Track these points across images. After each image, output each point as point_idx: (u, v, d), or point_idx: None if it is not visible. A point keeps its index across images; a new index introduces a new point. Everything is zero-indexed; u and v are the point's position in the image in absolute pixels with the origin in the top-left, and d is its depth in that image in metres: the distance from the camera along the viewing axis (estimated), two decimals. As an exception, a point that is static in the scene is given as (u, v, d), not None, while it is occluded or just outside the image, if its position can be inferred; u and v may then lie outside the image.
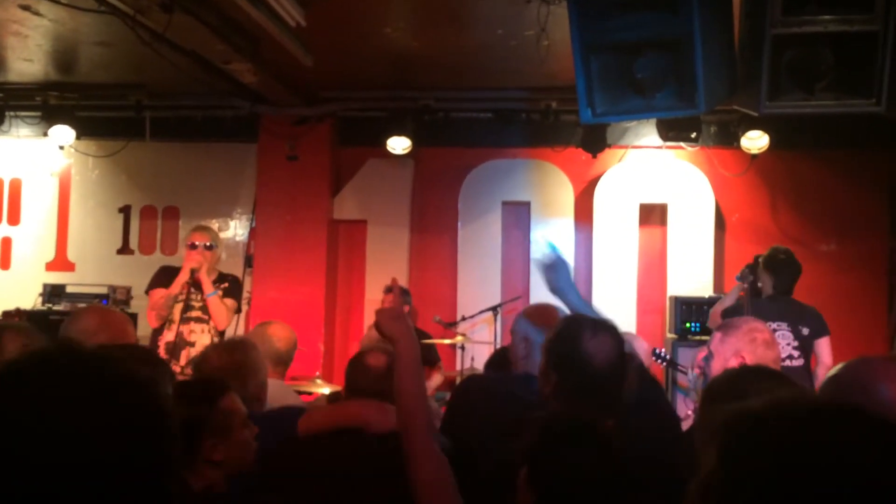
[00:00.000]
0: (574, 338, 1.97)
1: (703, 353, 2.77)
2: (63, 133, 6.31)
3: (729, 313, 4.61)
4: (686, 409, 4.88)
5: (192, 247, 4.80)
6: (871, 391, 1.48)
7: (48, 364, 0.90)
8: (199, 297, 4.76)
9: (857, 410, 0.86)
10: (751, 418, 0.86)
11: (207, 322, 4.71)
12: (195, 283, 4.71)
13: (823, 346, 4.58)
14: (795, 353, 4.55)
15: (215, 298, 4.71)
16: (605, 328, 2.02)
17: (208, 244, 4.82)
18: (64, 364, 0.90)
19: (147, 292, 4.91)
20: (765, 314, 3.93)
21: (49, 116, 6.36)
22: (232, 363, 2.65)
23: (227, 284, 4.86)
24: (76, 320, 2.91)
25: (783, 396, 0.89)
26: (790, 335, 4.57)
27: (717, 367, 2.68)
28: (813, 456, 0.80)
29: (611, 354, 1.96)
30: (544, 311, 2.67)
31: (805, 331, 4.57)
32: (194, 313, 4.76)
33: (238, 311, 5.01)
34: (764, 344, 2.65)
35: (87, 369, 0.90)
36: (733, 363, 2.63)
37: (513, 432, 1.69)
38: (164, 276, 4.88)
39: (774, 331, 4.79)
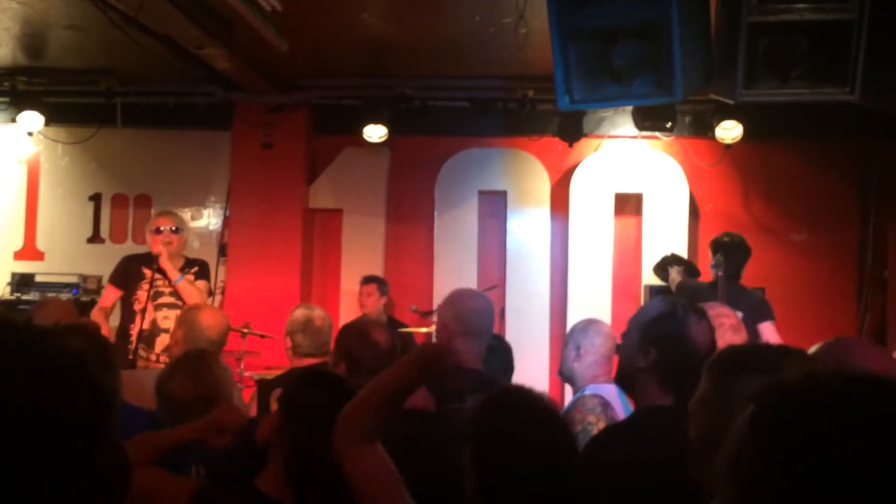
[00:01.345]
0: (682, 321, 2.03)
1: None
2: (32, 119, 6.18)
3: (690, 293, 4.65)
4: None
5: (158, 231, 4.73)
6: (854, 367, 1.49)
7: None
8: (165, 283, 4.70)
9: (886, 381, 0.85)
10: (787, 391, 0.85)
11: (180, 307, 4.66)
12: (160, 270, 4.64)
13: (765, 331, 4.60)
14: None
15: (184, 283, 4.65)
16: (705, 316, 2.11)
17: (174, 228, 4.75)
18: None
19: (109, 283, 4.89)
20: (699, 297, 3.97)
21: (17, 102, 6.23)
22: (198, 393, 2.41)
23: (196, 268, 4.80)
24: (38, 311, 2.88)
25: (819, 370, 0.88)
26: None
27: None
28: (850, 430, 0.79)
29: (709, 343, 2.04)
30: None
31: (738, 315, 4.62)
32: (165, 299, 4.71)
33: (211, 293, 4.95)
34: (731, 329, 2.68)
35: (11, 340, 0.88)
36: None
37: None
38: (125, 268, 4.83)
39: None
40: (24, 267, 6.44)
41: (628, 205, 6.42)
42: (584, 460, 1.89)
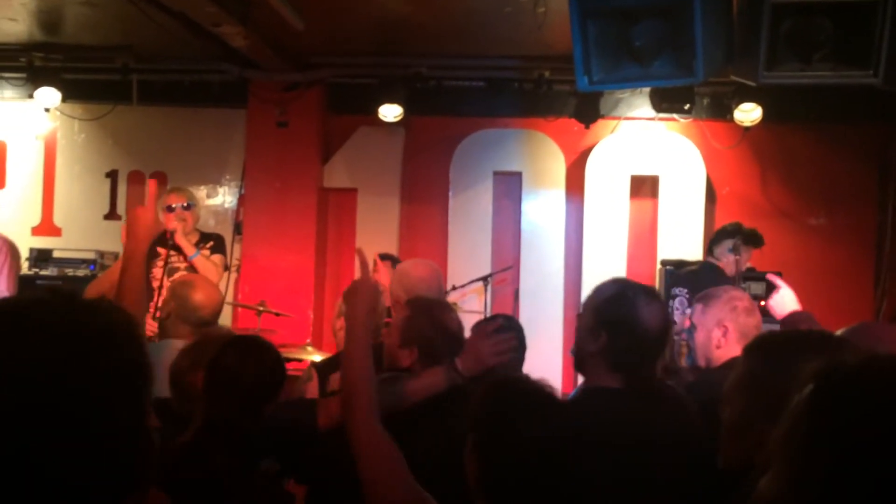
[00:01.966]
0: (631, 302, 2.02)
1: (686, 322, 2.79)
2: (48, 95, 6.19)
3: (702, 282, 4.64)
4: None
5: (169, 209, 4.74)
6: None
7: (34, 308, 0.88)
8: (181, 259, 4.71)
9: None
10: (847, 372, 0.85)
11: None
12: (175, 247, 4.66)
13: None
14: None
15: (200, 258, 4.66)
16: (657, 297, 2.11)
17: (185, 204, 4.76)
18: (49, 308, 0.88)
19: None
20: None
21: (34, 78, 6.23)
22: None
23: (212, 243, 4.81)
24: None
25: (878, 354, 0.88)
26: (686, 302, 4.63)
27: (700, 339, 2.69)
28: None
29: (660, 323, 2.03)
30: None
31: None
32: (180, 276, 4.73)
33: (227, 267, 4.96)
34: (745, 311, 2.67)
35: (67, 314, 0.88)
36: (717, 333, 2.65)
37: None
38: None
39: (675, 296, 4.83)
40: (42, 243, 6.49)
41: (644, 187, 6.38)
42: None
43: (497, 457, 1.46)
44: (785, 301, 2.73)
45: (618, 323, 2.00)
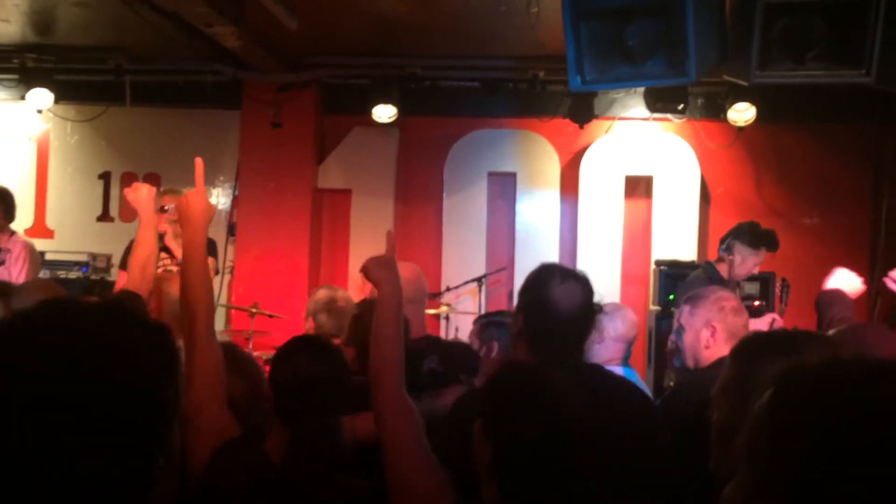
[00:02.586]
0: (543, 283, 2.05)
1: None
2: (41, 97, 6.17)
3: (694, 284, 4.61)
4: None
5: (162, 210, 4.71)
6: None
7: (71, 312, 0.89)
8: (173, 262, 4.69)
9: None
10: (808, 372, 0.84)
11: None
12: (165, 249, 4.64)
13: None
14: None
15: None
16: (575, 277, 2.08)
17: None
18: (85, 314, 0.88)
19: (119, 268, 4.87)
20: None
21: (26, 79, 6.21)
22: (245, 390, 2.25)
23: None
24: (19, 292, 2.82)
25: (840, 355, 0.87)
26: None
27: (689, 340, 2.67)
28: (868, 415, 0.78)
29: (575, 303, 2.02)
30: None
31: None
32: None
33: (217, 271, 4.94)
34: (732, 311, 2.65)
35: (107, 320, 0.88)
36: (705, 334, 2.63)
37: None
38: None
39: None
40: (35, 245, 6.45)
41: (638, 187, 6.38)
42: (449, 418, 1.98)
43: (507, 441, 1.47)
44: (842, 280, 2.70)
45: (530, 304, 2.05)
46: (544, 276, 2.07)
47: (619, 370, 3.05)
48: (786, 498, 0.79)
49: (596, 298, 2.10)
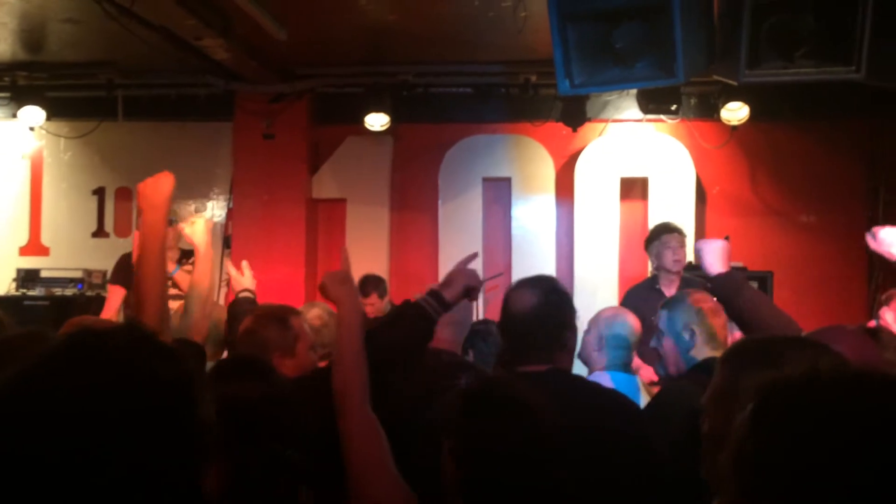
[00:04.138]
0: (504, 298, 2.19)
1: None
2: (33, 114, 6.17)
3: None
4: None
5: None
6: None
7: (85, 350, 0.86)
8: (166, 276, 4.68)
9: (891, 380, 0.82)
10: (788, 386, 0.82)
11: (182, 297, 4.64)
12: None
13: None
14: None
15: (181, 273, 4.64)
16: (535, 283, 2.18)
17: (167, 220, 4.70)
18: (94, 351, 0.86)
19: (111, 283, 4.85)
20: None
21: (18, 97, 6.21)
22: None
23: (191, 261, 4.77)
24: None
25: (822, 365, 0.85)
26: None
27: (668, 346, 2.63)
28: (851, 425, 0.76)
29: (524, 306, 2.12)
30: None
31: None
32: (170, 291, 4.69)
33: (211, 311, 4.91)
34: (710, 312, 2.62)
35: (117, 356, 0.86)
36: (685, 337, 2.60)
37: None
38: (124, 266, 4.80)
39: None
40: (30, 262, 6.44)
41: (634, 189, 6.36)
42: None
43: (472, 461, 1.47)
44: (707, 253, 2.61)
45: (500, 318, 2.19)
46: (510, 293, 2.20)
47: (607, 378, 3.02)
48: None
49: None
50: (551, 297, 2.12)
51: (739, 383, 1.32)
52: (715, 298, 2.56)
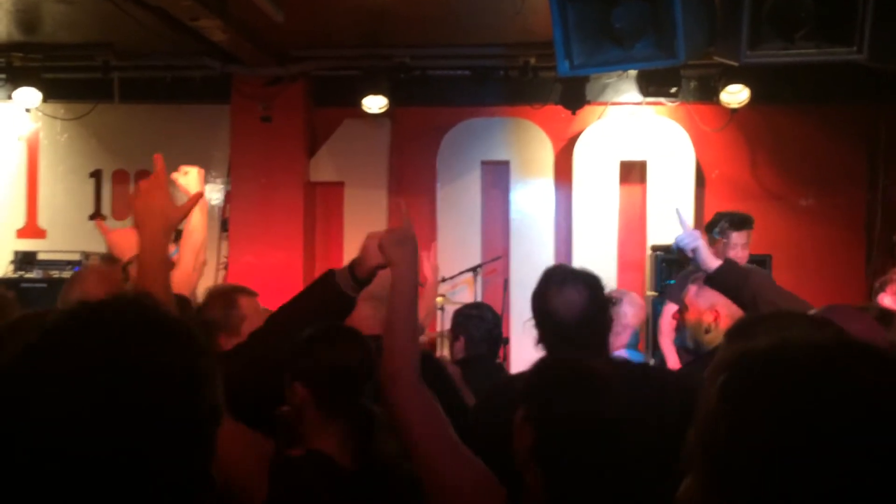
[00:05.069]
0: (543, 293, 2.06)
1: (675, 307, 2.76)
2: (29, 95, 6.12)
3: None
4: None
5: None
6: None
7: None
8: None
9: (865, 348, 0.80)
10: (755, 356, 0.80)
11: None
12: None
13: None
14: None
15: (177, 256, 4.62)
16: (574, 281, 2.06)
17: None
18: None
19: None
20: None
21: (13, 78, 6.16)
22: None
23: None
24: (77, 283, 2.70)
25: (791, 336, 0.82)
26: None
27: (691, 321, 2.67)
28: (819, 394, 0.74)
29: (576, 310, 2.02)
30: None
31: None
32: None
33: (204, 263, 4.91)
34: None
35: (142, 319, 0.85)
36: (708, 317, 2.61)
37: None
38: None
39: None
40: (27, 245, 6.42)
41: (633, 172, 6.33)
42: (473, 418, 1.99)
43: (549, 429, 1.47)
44: None
45: (537, 315, 2.08)
46: (543, 285, 2.08)
47: (626, 355, 3.06)
48: (745, 495, 0.75)
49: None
50: (592, 289, 2.05)
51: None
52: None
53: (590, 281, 2.06)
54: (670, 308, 4.49)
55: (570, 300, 2.02)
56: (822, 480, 0.72)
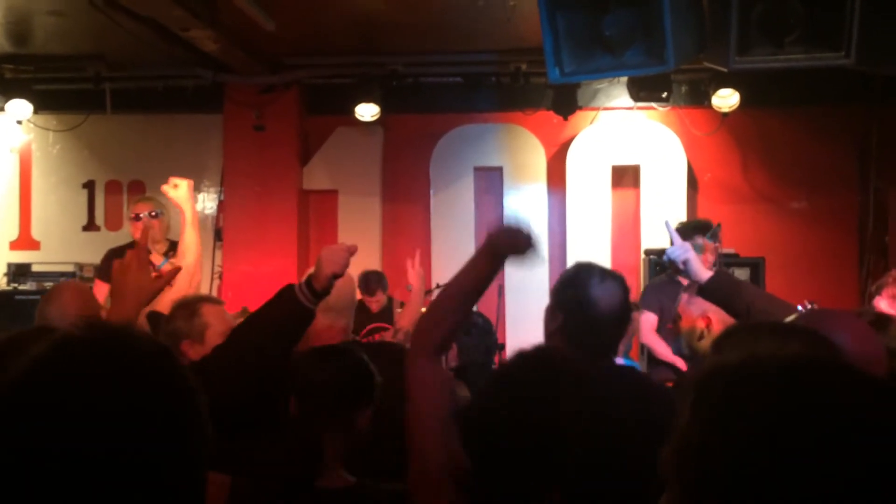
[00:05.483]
0: (583, 282, 2.07)
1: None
2: (20, 107, 6.11)
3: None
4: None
5: (137, 218, 4.66)
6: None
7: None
8: (154, 268, 4.65)
9: (830, 364, 0.82)
10: (722, 373, 0.81)
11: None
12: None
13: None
14: None
15: (168, 266, 4.62)
16: (614, 277, 2.11)
17: (153, 213, 4.67)
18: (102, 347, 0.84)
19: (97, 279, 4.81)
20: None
21: (5, 90, 6.15)
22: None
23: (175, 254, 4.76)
24: (54, 299, 2.70)
25: (760, 351, 0.83)
26: None
27: (685, 327, 2.68)
28: (781, 410, 0.75)
29: (615, 302, 2.05)
30: None
31: None
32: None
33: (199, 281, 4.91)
34: None
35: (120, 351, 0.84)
36: (700, 324, 2.63)
37: None
38: (110, 261, 4.77)
39: None
40: (20, 257, 6.41)
41: (626, 177, 6.36)
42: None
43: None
44: None
45: (570, 302, 2.07)
46: (584, 274, 2.09)
47: (623, 363, 3.07)
48: None
49: None
50: (626, 289, 2.09)
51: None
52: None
53: (623, 283, 2.11)
54: (647, 316, 4.59)
55: (611, 293, 2.05)
56: (786, 496, 0.73)
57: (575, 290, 2.07)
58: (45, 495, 0.76)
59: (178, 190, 2.97)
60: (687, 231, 4.68)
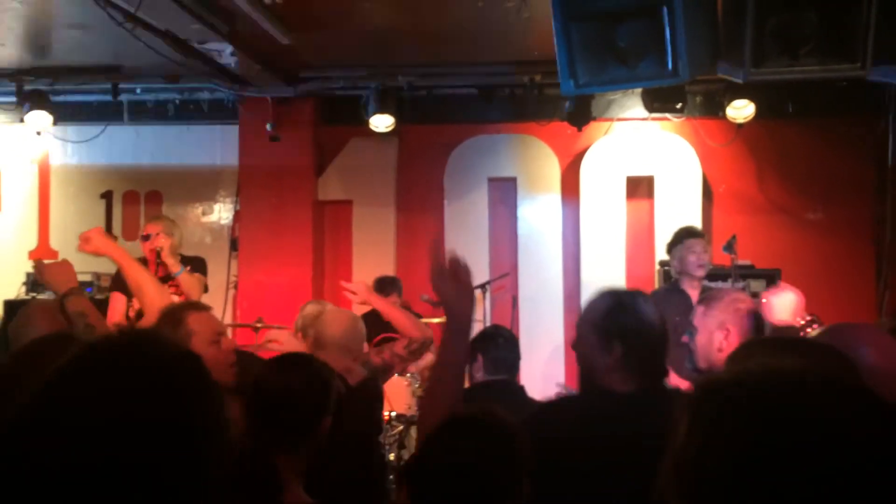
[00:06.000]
0: (633, 307, 2.01)
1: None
2: (40, 118, 6.18)
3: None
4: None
5: (145, 238, 4.75)
6: (854, 356, 1.44)
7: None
8: (177, 291, 4.72)
9: (825, 378, 0.83)
10: (717, 387, 0.82)
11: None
12: (162, 264, 4.68)
13: None
14: None
15: (184, 275, 4.67)
16: (645, 296, 2.10)
17: (159, 232, 4.76)
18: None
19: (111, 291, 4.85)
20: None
21: (25, 102, 6.23)
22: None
23: (189, 267, 4.81)
24: (30, 324, 2.73)
25: (755, 366, 0.85)
26: None
27: (701, 342, 2.64)
28: (773, 423, 0.77)
29: (661, 319, 2.03)
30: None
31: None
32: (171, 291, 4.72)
33: (206, 288, 4.94)
34: (748, 314, 2.61)
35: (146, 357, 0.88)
36: (718, 336, 2.60)
37: None
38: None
39: None
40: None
41: (640, 188, 6.35)
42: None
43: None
44: (776, 307, 2.63)
45: (629, 330, 1.99)
46: (627, 300, 2.05)
47: None
48: None
49: None
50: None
51: None
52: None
53: (649, 297, 2.11)
54: None
55: (657, 313, 2.03)
56: None
57: (630, 317, 2.00)
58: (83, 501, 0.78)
59: (89, 244, 3.02)
60: (677, 237, 4.72)
